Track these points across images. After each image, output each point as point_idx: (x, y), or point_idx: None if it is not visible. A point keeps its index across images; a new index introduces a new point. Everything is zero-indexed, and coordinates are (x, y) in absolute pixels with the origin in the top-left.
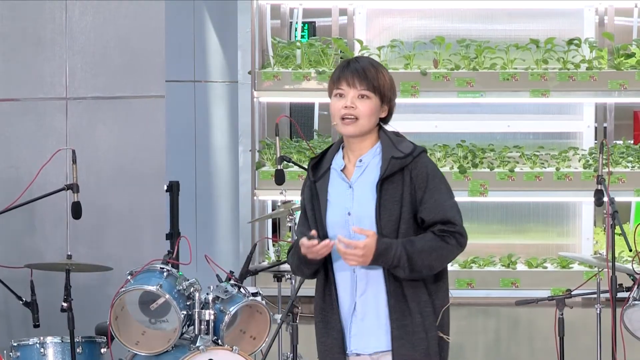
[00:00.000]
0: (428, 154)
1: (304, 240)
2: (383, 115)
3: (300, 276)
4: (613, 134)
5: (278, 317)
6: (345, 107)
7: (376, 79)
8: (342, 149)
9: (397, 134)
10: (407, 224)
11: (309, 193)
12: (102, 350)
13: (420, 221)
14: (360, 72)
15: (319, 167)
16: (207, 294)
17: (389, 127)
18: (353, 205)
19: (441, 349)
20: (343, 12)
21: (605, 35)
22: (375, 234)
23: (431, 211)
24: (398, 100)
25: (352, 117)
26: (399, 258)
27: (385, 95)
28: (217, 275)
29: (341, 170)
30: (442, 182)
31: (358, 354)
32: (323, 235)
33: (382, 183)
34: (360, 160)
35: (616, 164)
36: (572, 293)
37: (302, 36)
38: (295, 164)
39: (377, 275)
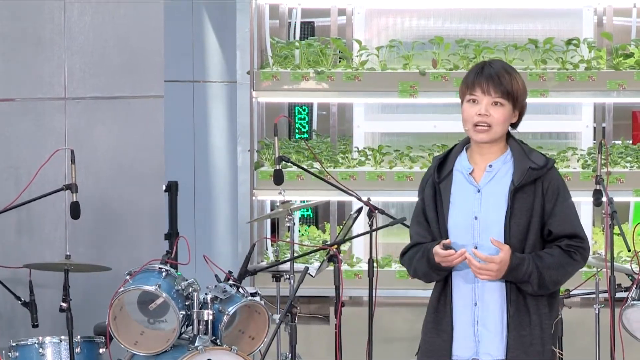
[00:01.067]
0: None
1: (439, 250)
2: (514, 120)
3: (425, 281)
4: (612, 134)
5: (277, 317)
6: (479, 114)
7: (510, 85)
8: (466, 150)
9: (522, 142)
10: (536, 235)
11: (431, 193)
12: (101, 351)
13: (547, 233)
14: (495, 78)
15: (442, 168)
16: (206, 294)
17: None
18: (481, 210)
19: None
20: (342, 12)
21: (604, 35)
22: (509, 248)
23: (560, 224)
24: (397, 100)
25: (486, 124)
26: (530, 274)
27: (518, 101)
28: (216, 275)
29: (469, 174)
30: (569, 196)
31: None
32: (446, 237)
33: (515, 192)
34: (491, 166)
35: (615, 164)
36: (571, 293)
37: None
38: (294, 164)
39: (498, 283)
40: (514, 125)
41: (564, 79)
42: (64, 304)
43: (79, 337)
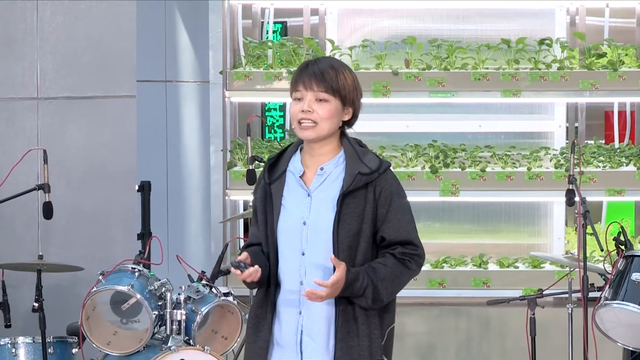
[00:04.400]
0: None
1: (234, 271)
2: (346, 117)
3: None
4: (584, 133)
5: None
6: (303, 111)
7: (335, 80)
8: (301, 151)
9: (359, 142)
10: (367, 242)
11: (262, 194)
12: (74, 351)
13: (380, 239)
14: (318, 74)
15: (275, 169)
16: (179, 294)
17: (352, 130)
18: (310, 215)
19: None
20: (314, 12)
21: (577, 35)
22: (345, 266)
23: (394, 230)
24: (370, 100)
25: (310, 121)
26: (365, 288)
27: (346, 97)
28: (189, 275)
29: (300, 177)
30: (405, 201)
31: None
32: (273, 241)
33: (344, 197)
34: (322, 169)
35: (587, 164)
36: (544, 293)
37: (274, 32)
38: None
39: None
40: (349, 124)
41: (537, 78)
42: (36, 304)
43: (51, 337)
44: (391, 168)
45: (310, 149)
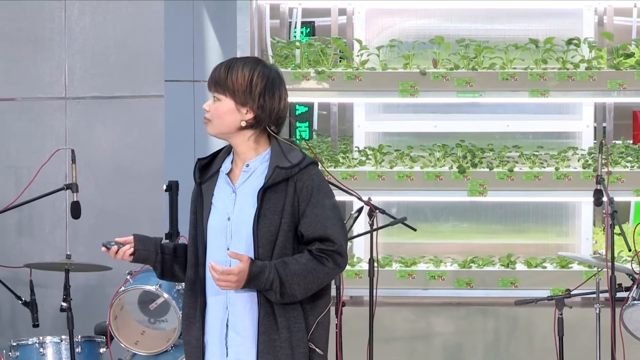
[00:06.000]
0: (318, 165)
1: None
2: (248, 117)
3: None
4: (612, 133)
5: None
6: (203, 108)
7: (225, 80)
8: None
9: (291, 142)
10: (285, 237)
11: (193, 195)
12: (102, 350)
13: (300, 235)
14: (214, 75)
15: (208, 169)
16: None
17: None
18: (234, 211)
19: None
20: (342, 11)
21: (605, 35)
22: (250, 258)
23: (310, 226)
24: (397, 100)
25: (206, 119)
26: (272, 282)
27: (238, 97)
28: None
29: (227, 174)
30: (327, 196)
31: None
32: (203, 239)
33: (265, 192)
34: (247, 165)
35: (615, 164)
36: (572, 293)
37: (301, 33)
38: None
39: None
40: (277, 125)
41: (565, 78)
42: (64, 304)
43: (79, 336)
44: (419, 168)
45: (234, 147)
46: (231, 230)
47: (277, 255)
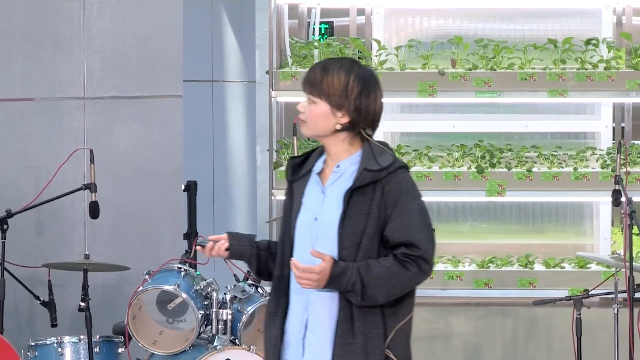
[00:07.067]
0: (408, 169)
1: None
2: (343, 120)
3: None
4: (631, 134)
5: None
6: (297, 109)
7: (320, 83)
8: None
9: (383, 144)
10: (370, 240)
11: (286, 192)
12: (120, 350)
13: (386, 239)
14: (308, 77)
15: (301, 168)
16: (225, 293)
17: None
18: (321, 211)
19: None
20: (361, 12)
21: (623, 35)
22: (332, 258)
23: (396, 231)
24: (416, 100)
25: (301, 120)
26: (353, 283)
27: (334, 101)
28: (235, 275)
29: (318, 174)
30: (415, 201)
31: None
32: (290, 238)
33: (352, 194)
34: (338, 166)
35: (634, 164)
36: (590, 293)
37: (320, 34)
38: None
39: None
40: (372, 127)
41: (583, 78)
42: (82, 304)
43: (97, 336)
44: (437, 168)
45: (326, 148)
46: (317, 230)
47: (362, 258)
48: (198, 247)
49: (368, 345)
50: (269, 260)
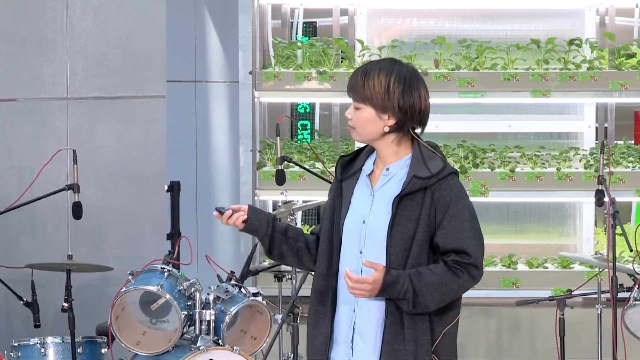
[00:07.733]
0: (458, 175)
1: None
2: (390, 122)
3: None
4: (614, 134)
5: (279, 317)
6: (346, 116)
7: (362, 88)
8: None
9: (433, 145)
10: (420, 247)
11: (333, 190)
12: (103, 351)
13: (436, 246)
14: (351, 84)
15: (350, 166)
16: (208, 294)
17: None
18: (370, 215)
19: None
20: (344, 12)
21: (606, 36)
22: (384, 267)
23: (447, 238)
24: None
25: (350, 127)
26: (405, 292)
27: (377, 104)
28: (218, 276)
29: (367, 175)
30: (465, 208)
31: None
32: (338, 238)
33: (401, 200)
34: (388, 169)
35: (617, 164)
36: (573, 293)
37: (304, 32)
38: (296, 164)
39: None
40: (420, 125)
41: (566, 79)
42: (65, 304)
43: (80, 337)
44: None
45: (377, 150)
46: (365, 234)
47: (412, 264)
48: (215, 213)
49: (418, 352)
50: (282, 243)
